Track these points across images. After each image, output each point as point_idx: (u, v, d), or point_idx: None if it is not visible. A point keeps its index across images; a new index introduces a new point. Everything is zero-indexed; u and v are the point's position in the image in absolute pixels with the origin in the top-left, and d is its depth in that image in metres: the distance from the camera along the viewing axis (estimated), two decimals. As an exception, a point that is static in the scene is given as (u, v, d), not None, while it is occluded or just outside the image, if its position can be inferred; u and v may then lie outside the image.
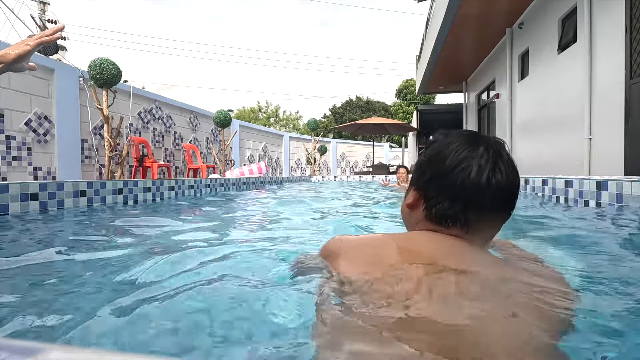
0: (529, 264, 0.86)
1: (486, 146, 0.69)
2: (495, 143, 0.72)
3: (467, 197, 0.68)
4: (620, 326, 0.70)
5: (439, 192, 0.70)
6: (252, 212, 3.09)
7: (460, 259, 0.66)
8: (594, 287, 0.92)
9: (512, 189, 0.70)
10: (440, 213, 0.70)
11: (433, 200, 0.71)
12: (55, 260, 1.33)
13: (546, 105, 6.26)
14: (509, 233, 1.67)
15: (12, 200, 2.38)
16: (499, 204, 0.69)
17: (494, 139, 0.73)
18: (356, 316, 0.59)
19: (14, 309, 0.84)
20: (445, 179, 0.69)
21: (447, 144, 0.71)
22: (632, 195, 2.10)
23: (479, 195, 0.67)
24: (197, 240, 1.63)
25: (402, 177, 6.10)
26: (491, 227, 0.72)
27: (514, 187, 0.70)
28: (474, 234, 0.70)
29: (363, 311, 0.59)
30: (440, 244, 0.69)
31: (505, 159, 0.70)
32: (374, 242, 0.75)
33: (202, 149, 8.28)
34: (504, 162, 0.68)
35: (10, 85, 4.18)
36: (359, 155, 17.12)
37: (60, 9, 58.36)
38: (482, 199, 0.67)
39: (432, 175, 0.72)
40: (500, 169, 0.67)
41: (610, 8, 4.45)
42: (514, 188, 0.71)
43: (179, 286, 1.01)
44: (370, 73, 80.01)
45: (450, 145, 0.71)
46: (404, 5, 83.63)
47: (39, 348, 0.22)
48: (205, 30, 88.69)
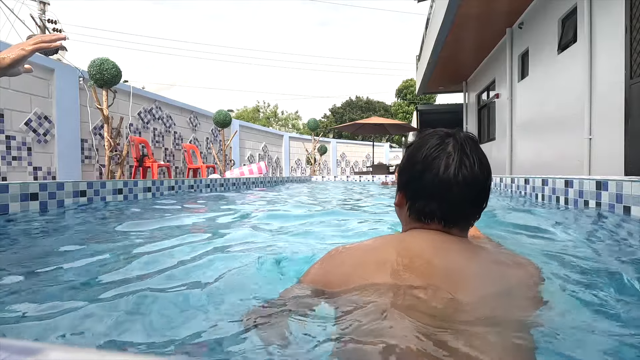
0: (502, 250, 1.00)
1: (454, 144, 0.73)
2: (464, 139, 0.76)
3: (439, 194, 0.73)
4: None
5: (415, 191, 0.76)
6: (248, 212, 3.09)
7: (445, 251, 0.72)
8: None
9: (480, 183, 0.74)
10: (419, 210, 0.76)
11: (413, 199, 0.77)
12: (55, 260, 1.33)
13: (546, 105, 6.26)
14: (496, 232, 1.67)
15: (12, 200, 2.38)
16: (469, 198, 0.73)
17: (463, 135, 0.77)
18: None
19: (14, 309, 0.84)
20: (420, 180, 0.74)
21: (419, 147, 0.77)
22: (632, 195, 2.10)
23: (449, 192, 0.72)
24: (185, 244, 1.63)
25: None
26: (466, 220, 0.77)
27: (480, 181, 0.74)
28: (451, 227, 0.76)
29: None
30: (425, 241, 0.75)
31: (470, 154, 0.73)
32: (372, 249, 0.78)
33: (202, 149, 8.28)
34: (468, 158, 0.72)
35: (10, 85, 4.18)
36: (359, 155, 17.12)
37: (60, 9, 58.35)
38: (452, 194, 0.72)
39: (409, 177, 0.77)
40: (465, 165, 0.71)
41: (610, 8, 4.45)
42: (481, 182, 0.74)
43: (178, 286, 1.01)
44: (370, 73, 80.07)
45: (422, 148, 0.76)
46: (404, 5, 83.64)
47: (39, 348, 0.22)
48: (205, 30, 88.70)
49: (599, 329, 0.72)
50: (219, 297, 0.93)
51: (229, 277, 1.07)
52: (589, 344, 0.67)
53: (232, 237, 1.75)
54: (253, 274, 1.11)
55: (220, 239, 1.70)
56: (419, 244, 0.74)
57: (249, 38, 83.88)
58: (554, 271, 1.04)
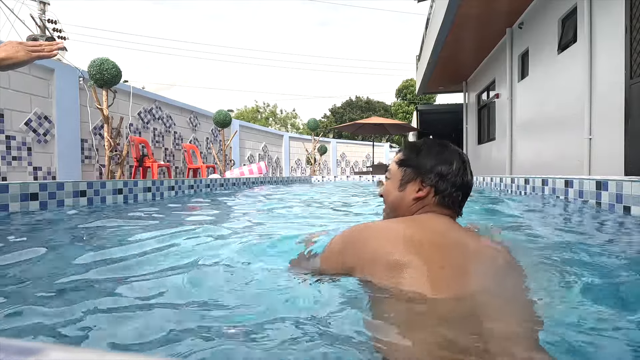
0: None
1: (463, 158, 1.08)
2: (465, 155, 1.11)
3: (463, 189, 1.06)
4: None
5: (447, 187, 1.04)
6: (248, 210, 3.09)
7: (454, 231, 0.99)
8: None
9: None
10: (449, 199, 1.05)
11: (445, 192, 1.04)
12: (54, 260, 1.33)
13: (546, 105, 6.26)
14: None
15: (12, 200, 2.38)
16: (468, 193, 1.10)
17: (463, 153, 1.11)
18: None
19: (14, 309, 0.84)
20: (452, 180, 1.04)
21: (445, 160, 1.06)
22: (632, 195, 2.10)
23: (467, 188, 1.07)
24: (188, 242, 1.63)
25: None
26: (461, 207, 1.11)
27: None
28: (457, 212, 1.09)
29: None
30: (443, 222, 1.01)
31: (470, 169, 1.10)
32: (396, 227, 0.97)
33: (202, 149, 8.28)
34: (470, 169, 1.09)
35: (10, 85, 4.18)
36: (359, 155, 17.12)
37: (60, 9, 58.37)
38: (467, 190, 1.08)
39: (441, 177, 1.05)
40: (471, 173, 1.09)
41: (610, 8, 4.45)
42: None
43: (178, 284, 1.01)
44: (370, 73, 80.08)
45: (450, 158, 1.06)
46: (404, 5, 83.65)
47: (39, 348, 0.22)
48: (205, 30, 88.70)
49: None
50: (218, 298, 0.93)
51: (228, 277, 1.07)
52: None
53: (232, 236, 1.75)
54: (251, 274, 1.11)
55: (220, 239, 1.70)
56: (438, 224, 0.99)
57: (249, 38, 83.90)
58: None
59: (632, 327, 0.72)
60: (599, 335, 0.70)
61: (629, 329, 0.71)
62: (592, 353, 0.65)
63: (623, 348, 0.67)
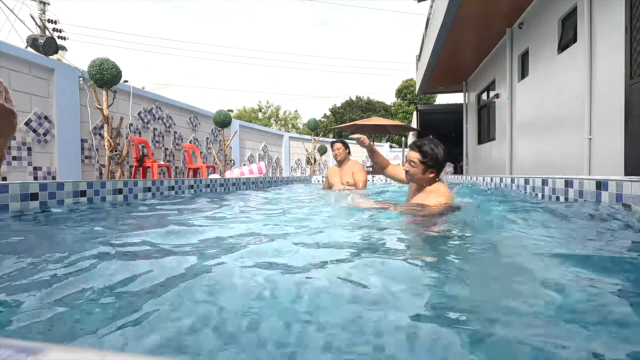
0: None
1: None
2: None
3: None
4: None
5: (440, 169, 2.32)
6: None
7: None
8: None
9: None
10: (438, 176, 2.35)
11: (439, 172, 2.33)
12: (54, 260, 1.33)
13: (546, 105, 6.26)
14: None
15: (12, 200, 2.38)
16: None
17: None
18: None
19: (14, 309, 0.84)
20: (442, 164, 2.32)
21: (444, 157, 2.30)
22: (632, 195, 2.10)
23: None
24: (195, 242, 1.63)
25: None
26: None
27: None
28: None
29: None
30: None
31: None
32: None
33: (202, 149, 8.28)
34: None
35: (10, 86, 4.18)
36: (359, 155, 17.11)
37: (60, 9, 58.34)
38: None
39: (442, 164, 2.30)
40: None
41: (610, 8, 4.45)
42: None
43: (178, 285, 1.01)
44: (370, 73, 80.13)
45: (444, 155, 2.31)
46: (404, 5, 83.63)
47: (39, 348, 0.22)
48: (205, 30, 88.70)
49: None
50: (217, 296, 0.93)
51: (227, 276, 1.07)
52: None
53: (230, 236, 1.75)
54: (248, 274, 1.11)
55: (217, 237, 1.70)
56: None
57: (249, 38, 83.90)
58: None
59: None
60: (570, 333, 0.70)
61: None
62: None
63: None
